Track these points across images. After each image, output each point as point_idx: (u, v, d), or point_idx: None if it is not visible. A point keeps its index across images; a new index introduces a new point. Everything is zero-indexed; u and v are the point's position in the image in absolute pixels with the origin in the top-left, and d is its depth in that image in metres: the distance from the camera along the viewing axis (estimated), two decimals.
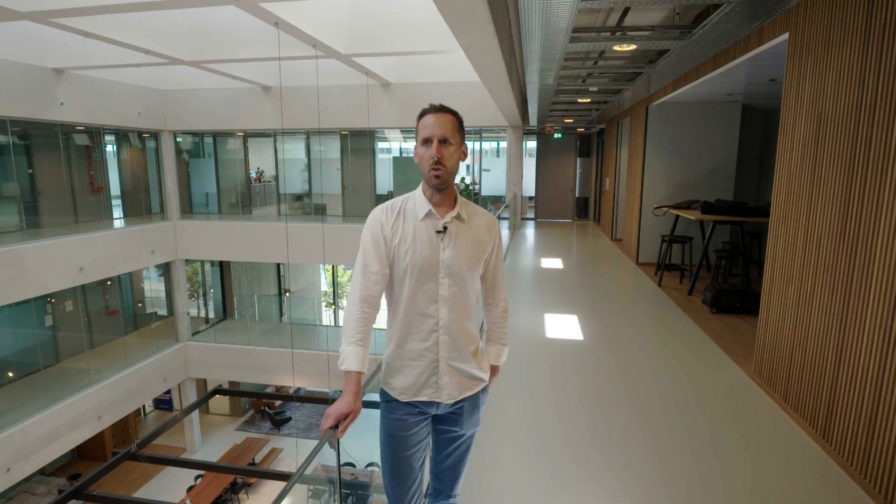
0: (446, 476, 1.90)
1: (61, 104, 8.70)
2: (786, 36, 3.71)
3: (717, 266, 6.69)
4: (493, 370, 1.93)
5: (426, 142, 1.68)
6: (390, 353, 1.80)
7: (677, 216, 7.39)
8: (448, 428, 1.83)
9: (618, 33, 4.68)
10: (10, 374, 9.05)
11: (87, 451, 11.01)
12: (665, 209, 7.54)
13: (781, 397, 3.60)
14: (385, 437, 1.81)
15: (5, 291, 7.76)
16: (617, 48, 5.07)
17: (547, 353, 4.59)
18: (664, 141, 8.21)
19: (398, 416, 1.78)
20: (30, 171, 9.45)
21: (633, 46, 4.97)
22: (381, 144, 12.56)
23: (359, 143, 11.95)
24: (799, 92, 3.50)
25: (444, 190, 1.71)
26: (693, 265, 7.23)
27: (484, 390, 1.86)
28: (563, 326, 5.29)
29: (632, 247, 8.99)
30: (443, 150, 1.67)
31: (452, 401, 1.77)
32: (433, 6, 3.04)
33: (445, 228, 1.71)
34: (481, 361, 1.83)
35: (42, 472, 10.11)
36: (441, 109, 1.70)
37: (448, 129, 1.67)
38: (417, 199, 1.74)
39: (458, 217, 1.73)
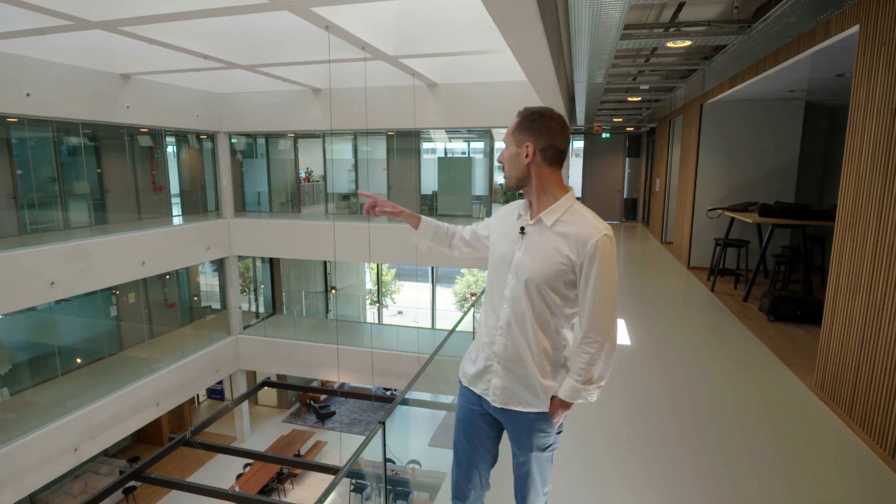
0: (516, 490, 1.86)
1: (127, 107, 9.23)
2: (856, 28, 3.48)
3: (776, 272, 6.37)
4: (558, 403, 1.70)
5: None
6: (475, 338, 1.87)
7: (732, 218, 7.08)
8: (511, 443, 1.81)
9: (671, 29, 4.53)
10: (79, 361, 9.67)
11: (145, 436, 11.64)
12: (719, 211, 7.23)
13: (846, 412, 3.38)
14: (455, 416, 1.88)
15: (75, 283, 8.30)
16: (670, 44, 4.90)
17: None
18: (719, 140, 7.88)
19: (462, 403, 1.85)
20: (98, 170, 10.07)
21: (687, 43, 4.79)
22: (426, 145, 12.65)
23: (404, 143, 12.08)
24: (870, 87, 3.28)
25: (524, 190, 1.72)
26: (749, 270, 6.91)
27: (543, 418, 1.71)
28: None
29: (683, 250, 8.68)
30: (502, 155, 1.74)
31: (499, 406, 1.73)
32: (480, 6, 3.03)
33: (523, 230, 1.69)
34: (546, 382, 1.68)
35: (105, 453, 10.77)
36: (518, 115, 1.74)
37: (506, 133, 1.73)
38: (525, 201, 1.77)
39: (539, 221, 1.66)
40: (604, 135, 14.30)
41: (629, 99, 8.94)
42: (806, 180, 7.89)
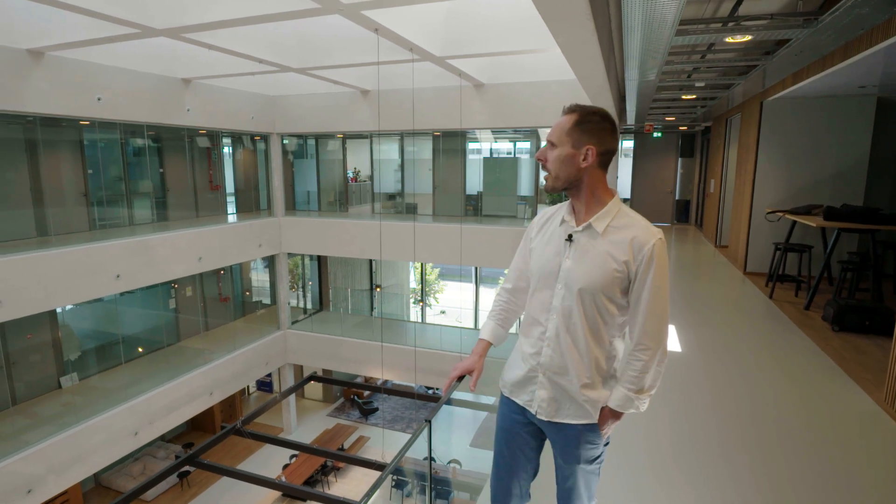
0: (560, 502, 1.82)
1: (188, 110, 9.69)
2: None
3: (842, 279, 5.99)
4: (608, 413, 1.65)
5: None
6: (515, 346, 1.82)
7: (794, 222, 6.71)
8: (555, 453, 1.76)
9: (731, 24, 4.33)
10: (140, 350, 10.24)
11: (199, 423, 12.20)
12: (780, 214, 6.87)
13: None
14: (496, 424, 1.85)
15: (139, 276, 8.79)
16: (729, 40, 4.69)
17: None
18: (780, 139, 7.49)
19: (503, 412, 1.81)
20: (161, 170, 10.62)
21: (747, 37, 4.57)
22: (471, 145, 12.64)
23: (450, 143, 12.12)
24: None
25: (571, 193, 1.64)
26: (812, 277, 6.53)
27: (592, 429, 1.67)
28: None
29: (739, 254, 8.31)
30: (545, 153, 1.64)
31: (545, 419, 1.69)
32: (528, 4, 3.00)
33: (571, 237, 1.62)
34: (594, 394, 1.64)
35: (162, 438, 11.35)
36: (566, 111, 1.63)
37: (556, 131, 1.61)
38: (566, 205, 1.70)
39: (590, 227, 1.61)
40: (655, 134, 13.86)
41: (683, 97, 8.62)
42: (877, 182, 7.38)
